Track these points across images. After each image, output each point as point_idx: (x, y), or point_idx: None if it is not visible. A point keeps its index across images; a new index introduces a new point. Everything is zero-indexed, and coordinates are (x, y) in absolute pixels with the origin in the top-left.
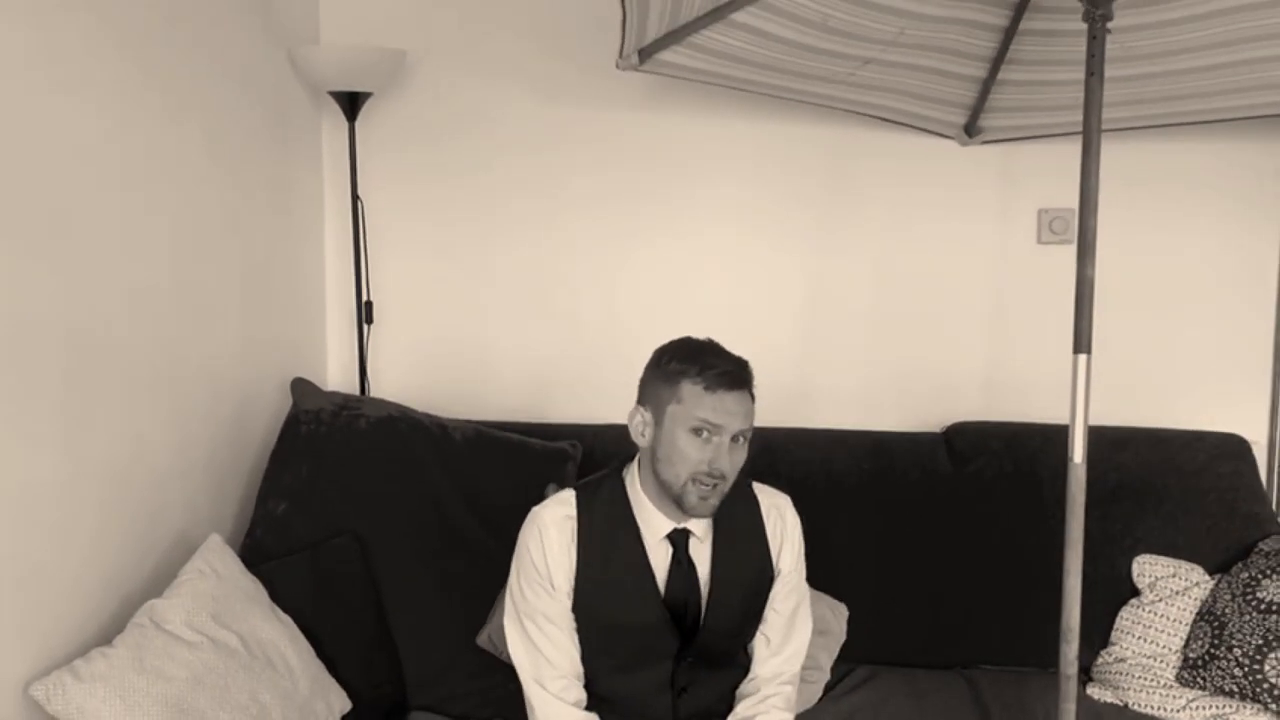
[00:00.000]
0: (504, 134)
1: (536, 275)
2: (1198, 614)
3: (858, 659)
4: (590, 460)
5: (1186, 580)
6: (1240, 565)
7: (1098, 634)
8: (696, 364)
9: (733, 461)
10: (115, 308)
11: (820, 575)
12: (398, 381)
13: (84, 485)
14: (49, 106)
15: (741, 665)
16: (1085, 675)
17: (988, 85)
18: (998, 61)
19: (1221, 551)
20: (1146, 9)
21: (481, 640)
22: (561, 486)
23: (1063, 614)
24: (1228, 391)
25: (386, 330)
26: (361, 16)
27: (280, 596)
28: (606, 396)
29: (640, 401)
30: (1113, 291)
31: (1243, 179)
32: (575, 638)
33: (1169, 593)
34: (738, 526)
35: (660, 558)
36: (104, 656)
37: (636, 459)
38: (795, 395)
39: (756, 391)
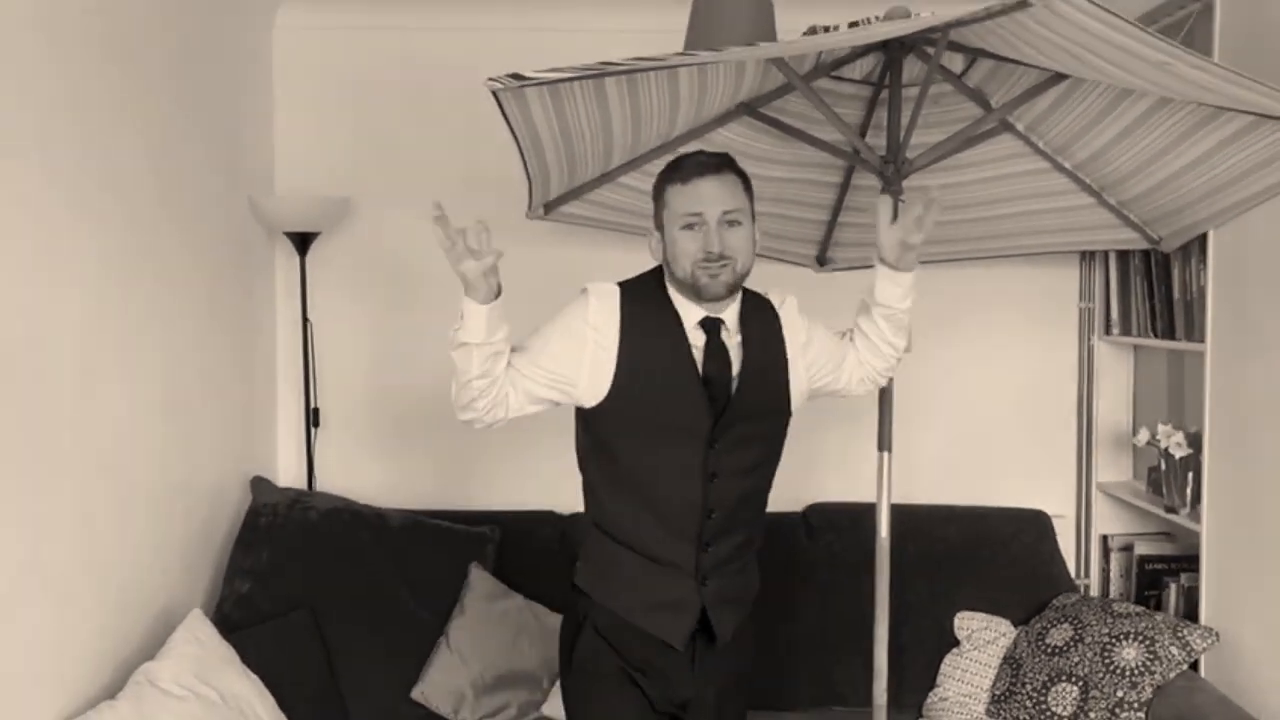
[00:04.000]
0: (432, 264)
1: None
2: (1003, 659)
3: None
4: (508, 543)
5: (996, 632)
6: (1037, 618)
7: (927, 678)
8: (676, 168)
9: (726, 242)
10: (118, 427)
11: None
12: (341, 476)
13: (88, 570)
14: (73, 264)
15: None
16: (918, 712)
17: (831, 226)
18: (837, 208)
19: (1024, 607)
20: (940, 173)
21: (416, 695)
22: (483, 566)
23: (875, 656)
24: (1034, 475)
25: (331, 432)
26: (312, 166)
27: (249, 659)
28: (520, 487)
29: (654, 228)
30: (941, 392)
31: (1045, 298)
32: (533, 404)
33: (982, 642)
34: (760, 327)
35: (695, 342)
36: (111, 709)
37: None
38: None
39: None
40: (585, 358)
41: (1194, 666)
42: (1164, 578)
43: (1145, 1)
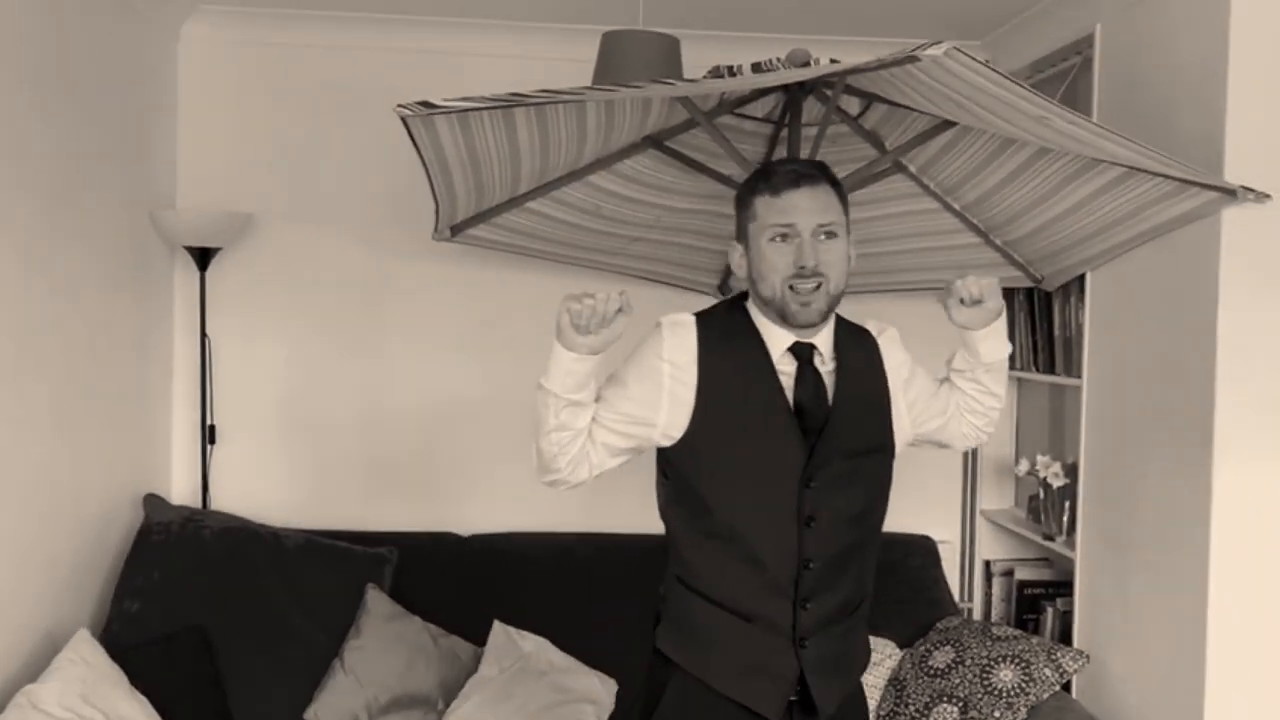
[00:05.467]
0: (334, 280)
1: (360, 401)
2: (888, 680)
3: None
4: (406, 565)
5: (882, 654)
6: (921, 640)
7: None
8: (764, 177)
9: (822, 257)
10: (2, 441)
11: (592, 653)
12: (237, 495)
13: None
14: None
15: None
16: None
17: None
18: None
19: (909, 630)
20: None
21: (309, 716)
22: (380, 588)
23: None
24: (921, 501)
25: (227, 450)
26: (216, 180)
27: (138, 681)
28: (420, 507)
29: (735, 239)
30: None
31: (934, 332)
32: (614, 457)
33: (869, 664)
34: (857, 355)
35: (784, 369)
36: None
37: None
38: (585, 504)
39: None
40: (663, 396)
41: (1066, 687)
42: (1042, 602)
43: (1031, 52)
